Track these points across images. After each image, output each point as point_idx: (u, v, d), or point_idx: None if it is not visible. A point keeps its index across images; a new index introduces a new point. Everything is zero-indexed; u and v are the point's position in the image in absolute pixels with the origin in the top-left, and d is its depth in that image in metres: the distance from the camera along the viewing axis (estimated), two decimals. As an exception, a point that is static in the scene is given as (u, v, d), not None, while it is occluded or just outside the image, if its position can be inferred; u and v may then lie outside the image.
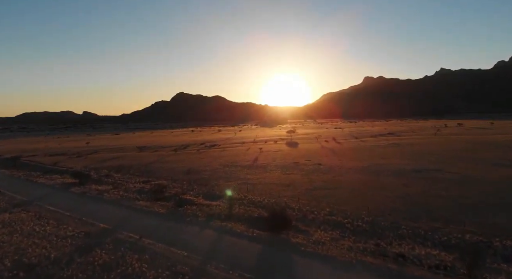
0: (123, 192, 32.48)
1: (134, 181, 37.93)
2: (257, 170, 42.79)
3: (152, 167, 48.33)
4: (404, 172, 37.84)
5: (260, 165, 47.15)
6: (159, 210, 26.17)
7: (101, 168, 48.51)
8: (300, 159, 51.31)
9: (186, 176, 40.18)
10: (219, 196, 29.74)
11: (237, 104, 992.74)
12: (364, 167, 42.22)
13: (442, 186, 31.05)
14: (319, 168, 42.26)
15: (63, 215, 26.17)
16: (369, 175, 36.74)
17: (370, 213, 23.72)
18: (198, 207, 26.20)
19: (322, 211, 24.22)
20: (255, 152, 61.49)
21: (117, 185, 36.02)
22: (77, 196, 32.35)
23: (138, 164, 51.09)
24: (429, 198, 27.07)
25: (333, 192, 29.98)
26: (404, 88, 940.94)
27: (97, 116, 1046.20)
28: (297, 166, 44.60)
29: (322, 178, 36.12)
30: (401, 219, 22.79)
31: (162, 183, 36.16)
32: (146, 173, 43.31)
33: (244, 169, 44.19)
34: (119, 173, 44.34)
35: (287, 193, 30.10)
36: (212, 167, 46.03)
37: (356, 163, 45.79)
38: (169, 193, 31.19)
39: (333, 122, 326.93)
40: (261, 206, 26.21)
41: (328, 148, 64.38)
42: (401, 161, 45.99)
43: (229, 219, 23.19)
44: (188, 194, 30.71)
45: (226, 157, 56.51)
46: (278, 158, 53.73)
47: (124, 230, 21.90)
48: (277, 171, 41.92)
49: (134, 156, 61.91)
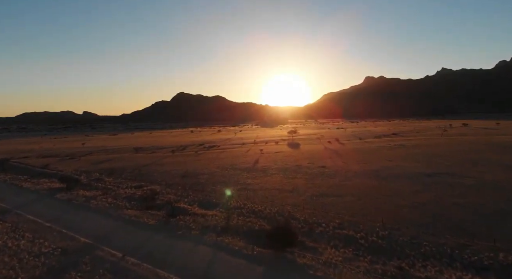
0: (112, 199, 29.84)
1: (125, 186, 35.30)
2: (257, 174, 40.14)
3: (147, 170, 45.71)
4: (414, 177, 35.18)
5: (260, 168, 44.51)
6: (148, 220, 23.53)
7: (93, 171, 45.91)
8: (302, 162, 48.64)
9: (181, 180, 37.54)
10: (215, 204, 27.09)
11: (237, 104, 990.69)
12: (372, 170, 39.56)
13: (458, 192, 28.42)
14: (324, 172, 39.60)
15: (42, 226, 23.56)
16: (377, 180, 34.08)
17: (385, 226, 21.09)
18: (192, 218, 23.57)
19: (331, 223, 21.59)
20: (255, 154, 58.87)
21: (106, 191, 33.39)
22: (61, 204, 29.74)
23: (132, 167, 48.47)
24: (447, 207, 24.43)
25: (341, 199, 27.34)
26: (405, 88, 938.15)
27: (97, 116, 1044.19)
28: (300, 169, 41.96)
29: (327, 183, 33.48)
30: (421, 233, 20.16)
31: (155, 188, 33.55)
32: (139, 177, 40.70)
33: (243, 172, 41.54)
34: (111, 176, 41.72)
35: (290, 201, 27.47)
36: (210, 170, 43.39)
37: (362, 166, 43.12)
38: (161, 200, 28.58)
39: (334, 122, 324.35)
40: (262, 216, 23.58)
41: (331, 150, 61.74)
42: (410, 164, 43.32)
43: (226, 233, 20.56)
44: (182, 201, 28.08)
45: (225, 159, 53.88)
46: (280, 160, 51.07)
47: (106, 246, 19.29)
48: (279, 174, 39.27)
49: (129, 158, 59.32)
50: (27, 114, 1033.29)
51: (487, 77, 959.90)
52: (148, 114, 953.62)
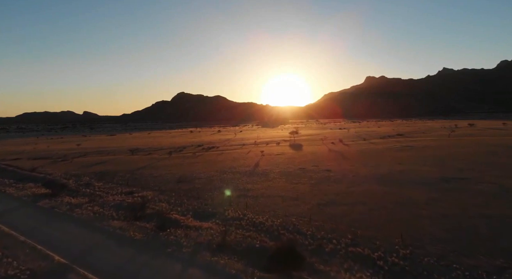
0: (99, 208, 27.12)
1: (115, 192, 32.57)
2: (258, 178, 37.41)
3: (141, 173, 42.99)
4: (429, 182, 32.41)
5: (261, 171, 41.77)
6: (135, 234, 20.80)
7: (83, 174, 43.21)
8: (306, 164, 45.90)
9: (176, 186, 34.81)
10: (212, 214, 24.35)
11: (238, 104, 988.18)
12: (381, 174, 36.78)
13: (481, 200, 25.66)
14: (329, 176, 36.83)
15: (15, 240, 20.86)
16: (390, 186, 31.32)
17: (405, 242, 18.36)
18: (185, 231, 20.84)
19: (343, 239, 18.85)
20: (256, 156, 56.10)
21: (94, 198, 30.66)
22: (42, 213, 27.03)
23: (126, 170, 45.76)
24: (472, 219, 21.69)
25: (351, 209, 24.60)
26: (406, 88, 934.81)
27: (98, 116, 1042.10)
28: (304, 173, 39.22)
29: (335, 189, 30.73)
30: (449, 252, 17.42)
31: (146, 195, 30.84)
32: (132, 182, 37.96)
33: (243, 176, 38.81)
34: (101, 181, 39.00)
35: (295, 210, 24.75)
36: (208, 174, 40.66)
37: (370, 169, 40.36)
38: (152, 209, 25.87)
39: (336, 122, 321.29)
40: (263, 230, 20.86)
41: (335, 151, 58.95)
42: (422, 167, 40.53)
43: (222, 251, 17.84)
44: (174, 211, 25.36)
45: (224, 161, 51.14)
46: (282, 162, 48.32)
47: (83, 267, 16.58)
48: (282, 179, 36.53)
49: (124, 160, 56.62)
50: (27, 114, 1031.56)
51: (488, 77, 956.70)
52: (148, 114, 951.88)
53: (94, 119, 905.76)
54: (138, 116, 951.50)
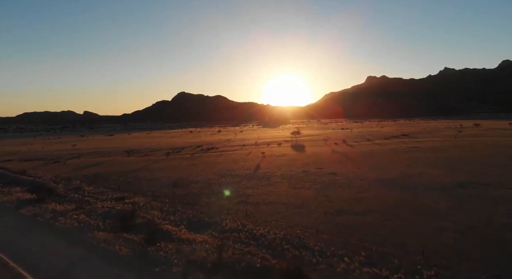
0: (85, 216, 24.81)
1: (105, 198, 30.25)
2: (259, 182, 35.06)
3: (135, 176, 40.68)
4: (445, 188, 30.03)
5: (262, 174, 39.42)
6: (120, 249, 18.48)
7: (74, 178, 40.92)
8: (309, 167, 43.55)
9: (171, 190, 32.49)
10: (208, 224, 22.02)
11: (238, 104, 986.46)
12: (391, 178, 34.41)
13: (505, 209, 23.23)
14: (335, 180, 34.46)
15: (-15, 256, 18.61)
16: (401, 191, 28.97)
17: (428, 261, 16.00)
18: (176, 245, 18.51)
19: (356, 256, 16.50)
20: (256, 157, 53.74)
21: (81, 204, 28.36)
22: (23, 222, 24.72)
23: (120, 173, 43.47)
24: (500, 231, 19.33)
25: (362, 219, 22.26)
26: (408, 87, 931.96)
27: (98, 116, 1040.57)
28: (308, 177, 36.87)
29: (342, 195, 28.37)
30: (481, 273, 15.04)
31: (138, 201, 28.53)
32: (124, 186, 35.65)
33: (243, 180, 36.47)
34: (92, 185, 36.69)
35: (300, 220, 22.42)
36: (205, 178, 38.34)
37: (378, 172, 37.98)
38: (142, 218, 23.56)
39: (337, 122, 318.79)
40: (265, 244, 18.53)
41: (340, 153, 56.57)
42: (433, 170, 38.14)
43: (217, 271, 15.49)
44: (167, 220, 23.05)
45: (224, 163, 48.80)
46: (284, 165, 45.98)
47: (56, 292, 14.32)
48: (284, 183, 34.18)
49: (119, 161, 54.33)
50: (27, 114, 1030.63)
51: (490, 76, 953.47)
52: (148, 114, 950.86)
53: (94, 119, 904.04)
54: (139, 116, 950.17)
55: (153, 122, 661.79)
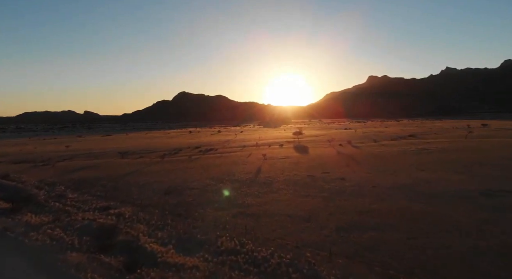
0: (60, 231, 21.64)
1: (88, 208, 27.07)
2: (260, 189, 31.84)
3: (125, 182, 37.48)
4: (468, 196, 26.76)
5: (264, 179, 36.18)
6: (93, 277, 15.36)
7: (60, 183, 37.76)
8: (315, 171, 40.27)
9: (163, 199, 29.30)
10: (200, 243, 18.81)
11: (239, 103, 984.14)
12: (406, 185, 31.14)
13: (547, 223, 20.03)
14: (344, 187, 31.19)
15: None
16: (421, 201, 25.70)
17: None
18: (161, 274, 15.27)
19: (381, 291, 13.36)
20: (257, 160, 50.49)
21: (60, 216, 25.18)
22: (-11, 237, 21.61)
23: (109, 177, 40.29)
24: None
25: (381, 236, 19.03)
26: (409, 87, 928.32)
27: (98, 116, 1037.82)
28: (314, 182, 33.61)
29: (354, 205, 25.12)
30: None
31: (124, 212, 25.35)
32: (112, 192, 32.47)
33: (243, 186, 33.25)
34: (78, 191, 33.51)
35: (308, 238, 19.22)
36: (202, 183, 35.11)
37: (391, 178, 34.69)
38: (125, 234, 20.40)
39: (340, 122, 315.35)
40: (268, 272, 15.26)
41: (346, 155, 53.26)
42: (450, 175, 34.84)
43: (209, 313, 12.38)
44: (154, 236, 19.86)
45: (222, 166, 45.61)
46: (287, 168, 42.72)
47: None
48: (288, 190, 30.95)
49: (111, 164, 51.16)
50: (27, 114, 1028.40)
51: (492, 76, 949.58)
52: (149, 114, 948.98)
53: (94, 118, 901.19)
54: (139, 116, 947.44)
55: (153, 122, 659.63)
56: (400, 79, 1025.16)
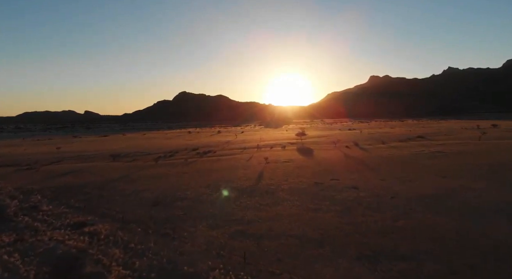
0: (18, 257, 17.59)
1: (60, 224, 23.13)
2: (262, 199, 27.91)
3: (111, 189, 33.54)
4: (503, 209, 22.78)
5: (266, 187, 32.22)
6: None
7: (39, 190, 33.84)
8: (322, 177, 36.28)
9: (149, 212, 25.36)
10: (188, 276, 14.92)
11: (240, 103, 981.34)
12: (430, 195, 27.13)
13: None
14: (359, 198, 27.17)
15: None
16: (453, 217, 21.67)
17: None
18: None
19: None
20: (259, 164, 46.51)
21: (24, 235, 21.20)
22: None
23: (95, 184, 36.38)
24: None
25: (416, 270, 14.92)
26: (411, 87, 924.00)
27: (99, 116, 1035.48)
28: (323, 192, 29.63)
29: (374, 223, 21.01)
30: None
31: (100, 230, 21.43)
32: (93, 203, 28.54)
33: (242, 195, 29.31)
34: (55, 201, 29.57)
35: (323, 270, 15.13)
36: (196, 192, 31.17)
37: (410, 186, 30.67)
38: (94, 265, 16.41)
39: (342, 122, 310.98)
40: (275, 328, 11.42)
41: (354, 158, 49.21)
42: (477, 183, 30.76)
43: None
44: (129, 268, 15.88)
45: (220, 171, 41.64)
46: (291, 174, 38.72)
47: None
48: (294, 201, 26.98)
49: (101, 168, 47.28)
50: (28, 114, 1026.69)
51: (495, 76, 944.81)
52: (149, 114, 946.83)
53: (95, 118, 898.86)
54: (139, 115, 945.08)
55: (153, 122, 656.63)
56: (402, 79, 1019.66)
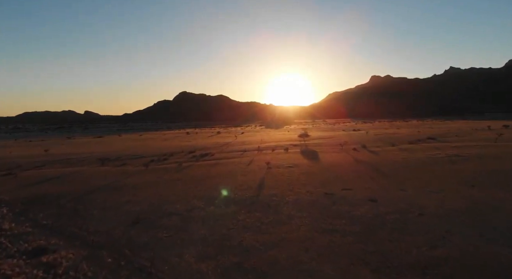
0: None
1: (15, 249, 18.68)
2: (264, 216, 23.49)
3: (89, 201, 29.15)
4: None
5: (268, 199, 27.80)
6: None
7: (8, 202, 29.37)
8: (333, 186, 31.82)
9: (127, 233, 20.99)
10: None
11: (240, 103, 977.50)
12: (463, 211, 22.66)
13: None
14: (380, 214, 22.70)
15: None
16: (502, 243, 17.31)
17: None
18: None
19: None
20: (260, 169, 42.10)
21: (-36, 266, 17.03)
22: None
23: (73, 194, 31.99)
24: None
25: None
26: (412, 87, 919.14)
27: (99, 116, 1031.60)
28: (335, 206, 25.18)
29: (407, 251, 16.43)
30: None
31: (61, 259, 16.97)
32: (64, 218, 24.16)
33: (240, 210, 24.90)
34: (22, 216, 25.13)
35: None
36: (186, 205, 26.78)
37: (437, 199, 26.18)
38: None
39: (345, 123, 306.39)
40: None
41: (365, 163, 44.73)
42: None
43: None
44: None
45: (217, 178, 37.22)
46: (297, 182, 34.27)
47: None
48: (303, 219, 22.55)
49: (85, 174, 42.97)
50: (27, 114, 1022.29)
51: (497, 76, 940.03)
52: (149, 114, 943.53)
53: (95, 118, 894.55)
54: (140, 115, 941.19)
55: (153, 122, 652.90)
56: (403, 79, 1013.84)
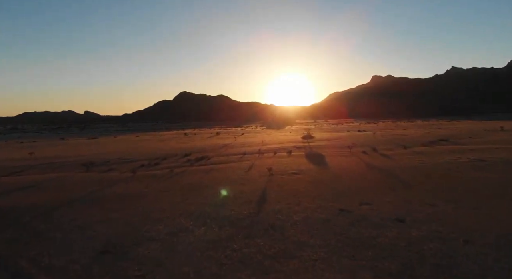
0: None
1: None
2: (266, 245, 18.57)
3: (56, 218, 24.32)
4: None
5: (272, 218, 22.82)
6: None
7: (-41, 219, 24.80)
8: (348, 200, 26.90)
9: (89, 268, 16.18)
10: None
11: (241, 103, 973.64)
12: (520, 237, 17.98)
13: None
14: (414, 241, 17.83)
15: None
16: None
17: None
18: None
19: None
20: (260, 176, 37.26)
21: None
22: None
23: (41, 208, 27.15)
24: None
25: None
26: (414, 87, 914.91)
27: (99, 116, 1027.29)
28: (355, 228, 20.21)
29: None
30: None
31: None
32: (20, 244, 19.39)
33: (237, 234, 20.04)
34: (-34, 241, 20.51)
35: None
36: (171, 226, 21.95)
37: (479, 218, 21.19)
38: None
39: (348, 123, 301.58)
40: None
41: (379, 169, 39.83)
42: None
43: None
44: None
45: (211, 188, 32.39)
46: (304, 193, 29.38)
47: None
48: (317, 249, 17.55)
49: (64, 182, 38.31)
50: (27, 114, 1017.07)
51: (499, 76, 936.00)
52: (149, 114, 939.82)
53: (94, 119, 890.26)
54: (140, 115, 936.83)
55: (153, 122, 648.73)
56: (404, 78, 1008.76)
